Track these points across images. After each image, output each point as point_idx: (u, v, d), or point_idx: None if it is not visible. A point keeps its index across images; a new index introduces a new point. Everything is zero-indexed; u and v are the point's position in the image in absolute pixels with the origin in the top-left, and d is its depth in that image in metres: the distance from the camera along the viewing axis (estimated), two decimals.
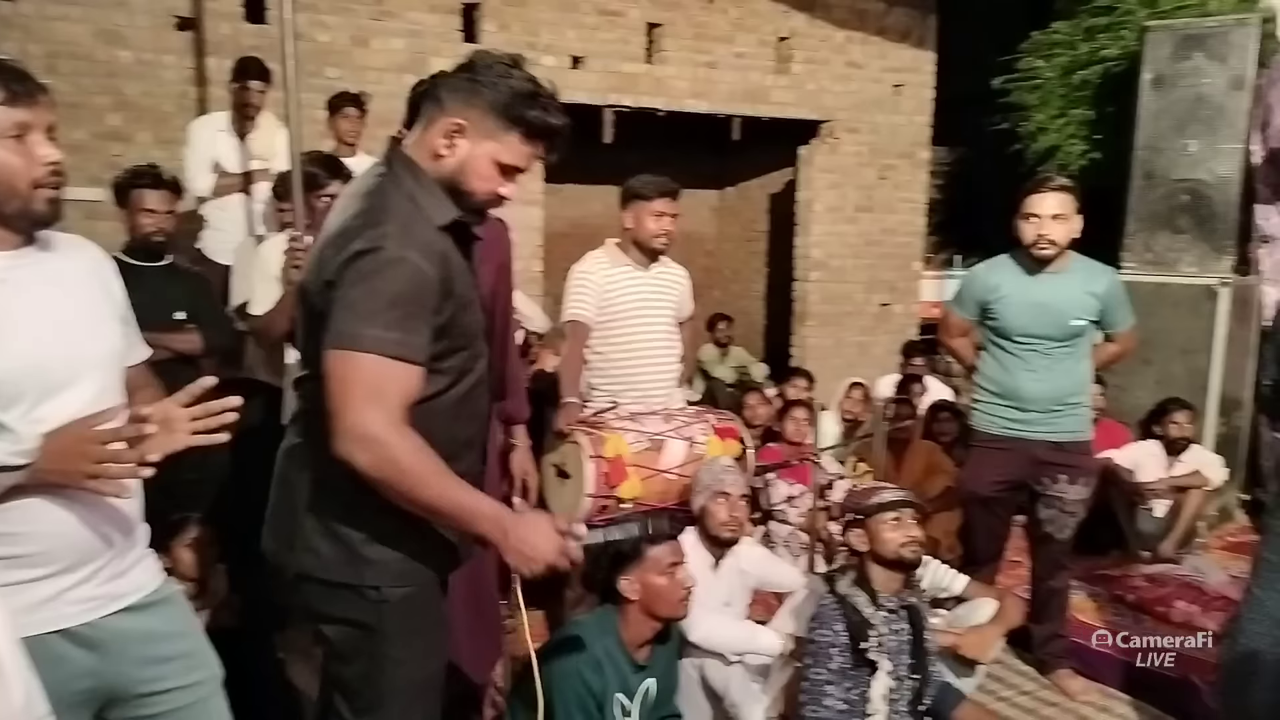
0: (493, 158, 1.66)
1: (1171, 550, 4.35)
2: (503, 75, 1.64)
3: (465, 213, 1.70)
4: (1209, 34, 4.97)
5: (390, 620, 1.70)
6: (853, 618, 2.35)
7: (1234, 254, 4.98)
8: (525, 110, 1.63)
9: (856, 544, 2.46)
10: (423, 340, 1.59)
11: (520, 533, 1.61)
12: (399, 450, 1.54)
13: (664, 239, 3.30)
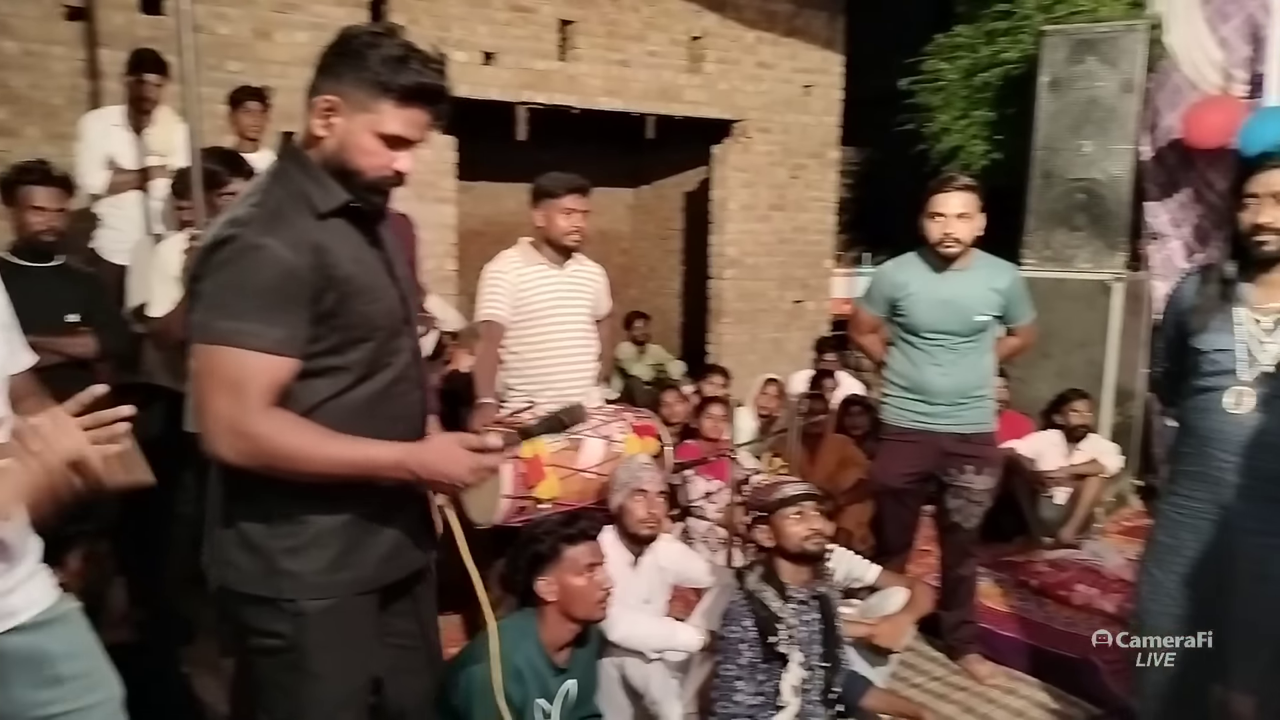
0: (371, 130, 1.59)
1: (1072, 536, 4.52)
2: (370, 45, 1.58)
3: (360, 195, 1.64)
4: (1101, 39, 5.18)
5: (308, 634, 1.66)
6: (761, 613, 2.37)
7: (1126, 250, 5.20)
8: (393, 75, 1.56)
9: (762, 540, 2.49)
10: (287, 331, 1.54)
11: (428, 461, 1.61)
12: (264, 434, 1.52)
13: (575, 236, 3.29)
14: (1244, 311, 2.24)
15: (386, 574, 1.75)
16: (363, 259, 1.66)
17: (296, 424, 1.56)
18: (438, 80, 1.61)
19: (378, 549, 1.72)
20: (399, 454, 1.61)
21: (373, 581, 1.73)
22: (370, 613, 1.76)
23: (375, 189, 1.65)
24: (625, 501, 2.87)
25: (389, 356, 1.70)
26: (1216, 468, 2.23)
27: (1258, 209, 2.17)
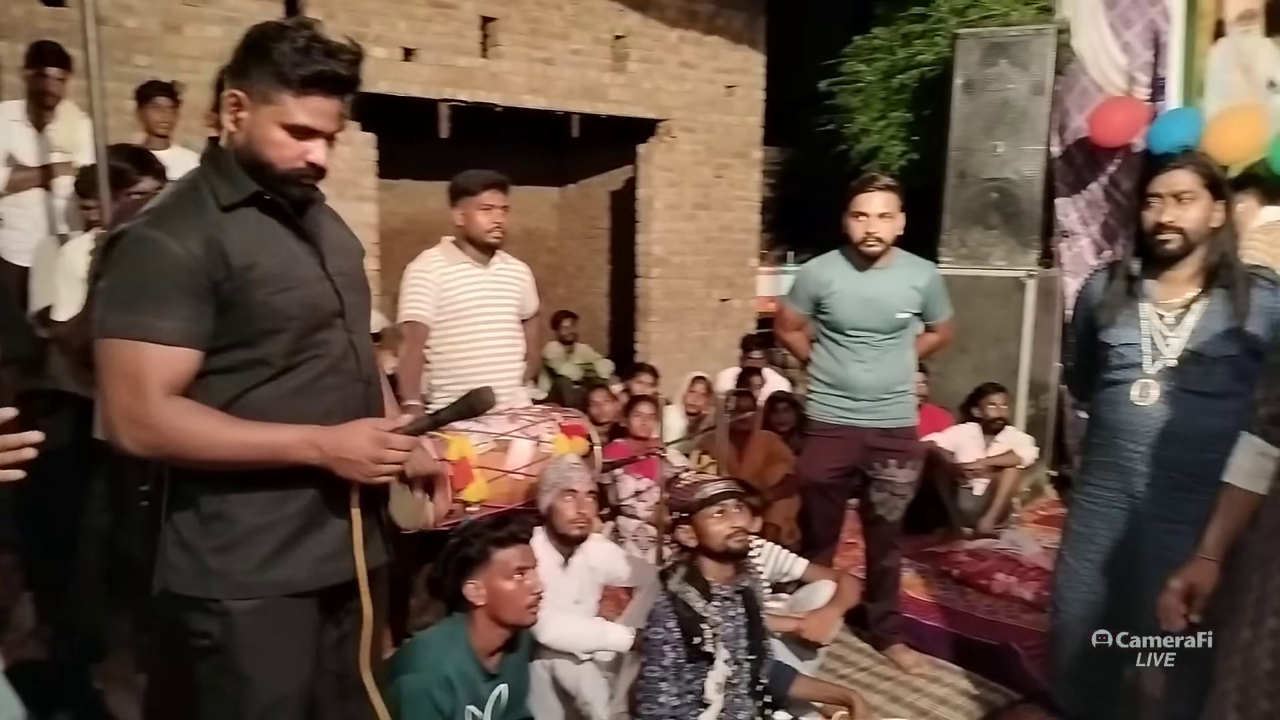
0: (275, 121, 1.59)
1: (990, 526, 4.66)
2: (275, 38, 1.57)
3: (275, 187, 1.63)
4: (1012, 42, 5.34)
5: (235, 635, 1.63)
6: (684, 614, 2.36)
7: (1038, 248, 5.37)
8: (294, 65, 1.56)
9: (685, 540, 2.49)
10: (180, 322, 1.54)
11: (338, 441, 1.60)
12: (161, 422, 1.53)
13: (496, 233, 3.26)
14: (1149, 307, 2.33)
15: (324, 577, 1.71)
16: (278, 250, 1.65)
17: (197, 410, 1.56)
18: (337, 68, 1.58)
19: (314, 550, 1.69)
20: (306, 433, 1.60)
21: (307, 584, 1.69)
22: (305, 617, 1.72)
23: (290, 181, 1.64)
24: (554, 502, 2.85)
25: (314, 349, 1.67)
26: (1125, 457, 2.32)
27: (1160, 208, 2.26)
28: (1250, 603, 1.80)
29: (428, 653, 2.27)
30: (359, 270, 1.83)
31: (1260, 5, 4.87)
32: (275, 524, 1.65)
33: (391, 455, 1.62)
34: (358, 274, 1.81)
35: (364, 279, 1.84)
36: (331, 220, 1.81)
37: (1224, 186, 2.29)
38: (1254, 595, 1.80)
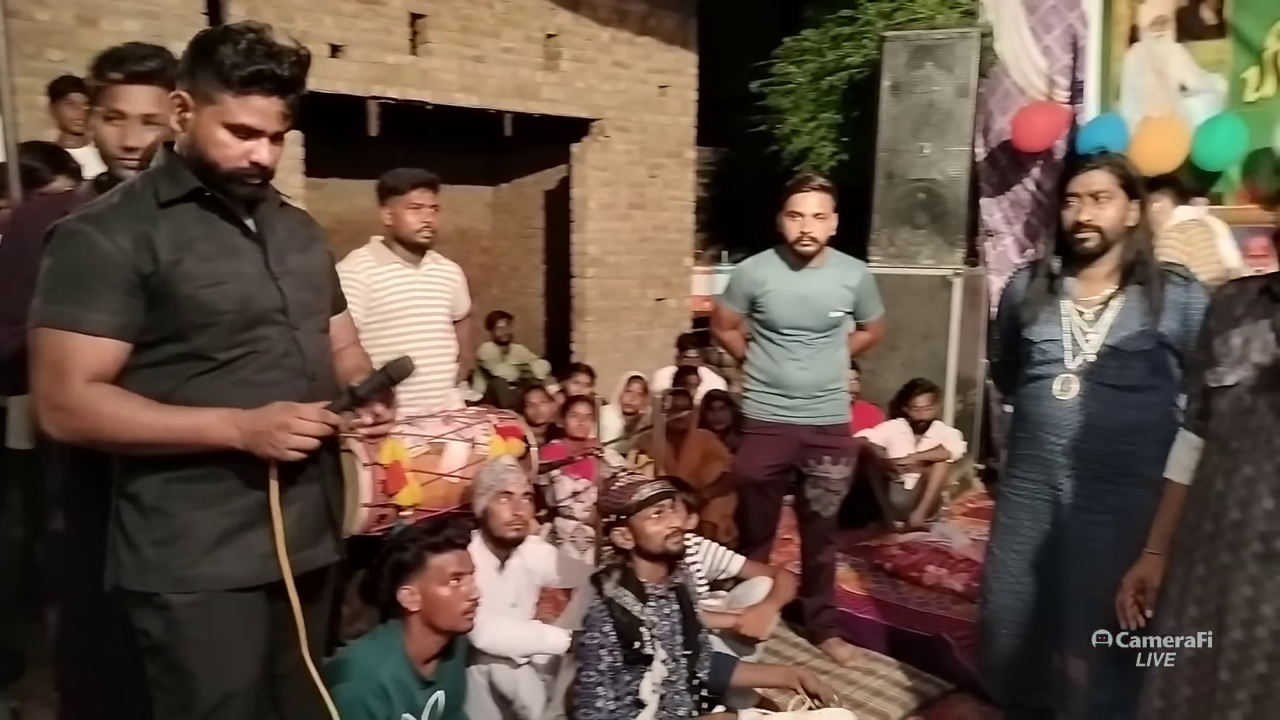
0: (217, 120, 1.62)
1: (921, 519, 4.75)
2: (220, 40, 1.61)
3: (220, 186, 1.66)
4: (937, 45, 5.45)
5: (177, 630, 1.65)
6: (622, 619, 2.36)
7: (964, 247, 5.49)
8: (234, 65, 1.59)
9: (621, 542, 2.47)
10: (105, 314, 1.59)
11: (251, 420, 1.61)
12: (81, 405, 1.57)
13: (425, 232, 3.23)
14: (1069, 304, 2.40)
15: (268, 572, 1.71)
16: (215, 245, 1.67)
17: (117, 394, 1.60)
18: (276, 68, 1.61)
19: (257, 547, 1.70)
20: (225, 413, 1.62)
21: (247, 579, 1.70)
22: (250, 612, 1.72)
23: (235, 180, 1.66)
24: (490, 505, 2.83)
25: (250, 345, 1.69)
26: (1048, 450, 2.39)
27: (1079, 208, 2.33)
28: (1174, 593, 1.87)
29: (362, 661, 2.23)
30: (317, 269, 1.86)
31: (1171, 12, 5.05)
32: (216, 519, 1.67)
33: (300, 425, 1.62)
34: (313, 272, 1.84)
35: (322, 278, 1.87)
36: (294, 219, 1.86)
37: (1139, 186, 2.37)
38: (1177, 585, 1.86)
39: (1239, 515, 1.73)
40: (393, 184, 3.21)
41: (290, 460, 1.63)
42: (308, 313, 1.79)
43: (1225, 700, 1.73)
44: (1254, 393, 1.74)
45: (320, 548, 1.82)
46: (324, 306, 1.87)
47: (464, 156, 8.43)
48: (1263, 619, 1.70)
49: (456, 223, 9.19)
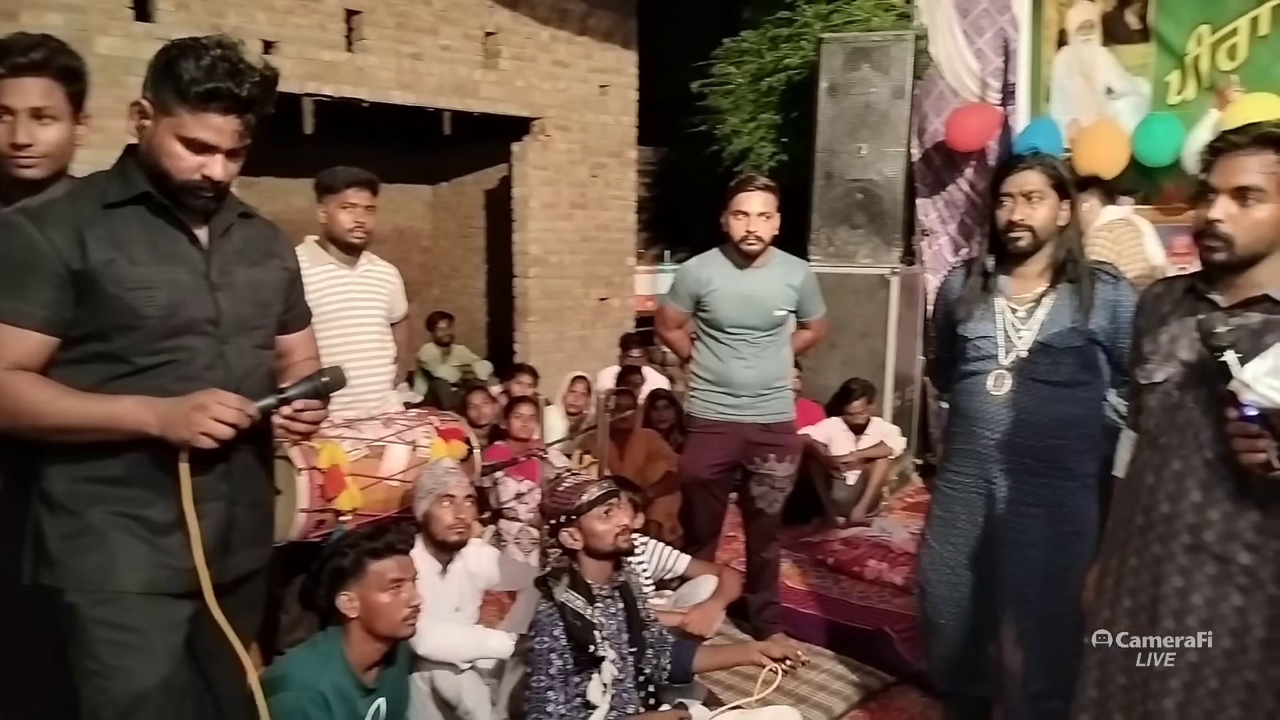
0: (172, 133, 1.63)
1: (862, 514, 4.82)
2: (184, 53, 1.61)
3: (174, 196, 1.66)
4: (874, 47, 5.53)
5: (82, 628, 1.64)
6: (574, 623, 2.34)
7: (901, 246, 5.59)
8: (191, 79, 1.60)
9: (569, 543, 2.44)
10: (29, 305, 1.59)
11: (168, 405, 1.60)
12: None
13: (359, 232, 3.17)
14: (1002, 301, 2.45)
15: (168, 582, 1.69)
16: (152, 250, 1.67)
17: (36, 380, 1.60)
18: (235, 87, 1.61)
19: (167, 555, 1.68)
20: (141, 399, 1.61)
21: (155, 586, 1.68)
22: (160, 614, 1.69)
23: (187, 192, 1.67)
24: (431, 508, 2.79)
25: (172, 353, 1.67)
26: (982, 445, 2.43)
27: (1011, 207, 2.38)
28: (1109, 584, 1.91)
29: (301, 669, 2.18)
30: (266, 284, 1.83)
31: (1097, 16, 5.19)
32: (123, 523, 1.66)
33: (218, 410, 1.59)
34: (260, 287, 1.82)
35: (270, 294, 1.84)
36: (256, 232, 1.85)
37: (1069, 186, 2.43)
38: (1112, 578, 1.91)
39: (1169, 508, 1.77)
40: (328, 182, 3.16)
41: (203, 445, 1.60)
42: (244, 327, 1.77)
43: (1159, 688, 1.78)
44: (1181, 389, 1.79)
45: (249, 552, 1.81)
46: (266, 322, 1.84)
47: (402, 155, 8.32)
48: (1192, 608, 1.74)
49: (395, 222, 9.07)
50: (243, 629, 1.83)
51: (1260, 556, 1.68)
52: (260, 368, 1.81)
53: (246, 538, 1.81)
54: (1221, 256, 1.72)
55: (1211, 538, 1.72)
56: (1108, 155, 4.86)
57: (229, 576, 1.77)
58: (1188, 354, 1.79)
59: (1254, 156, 1.68)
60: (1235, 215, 1.68)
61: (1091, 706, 1.93)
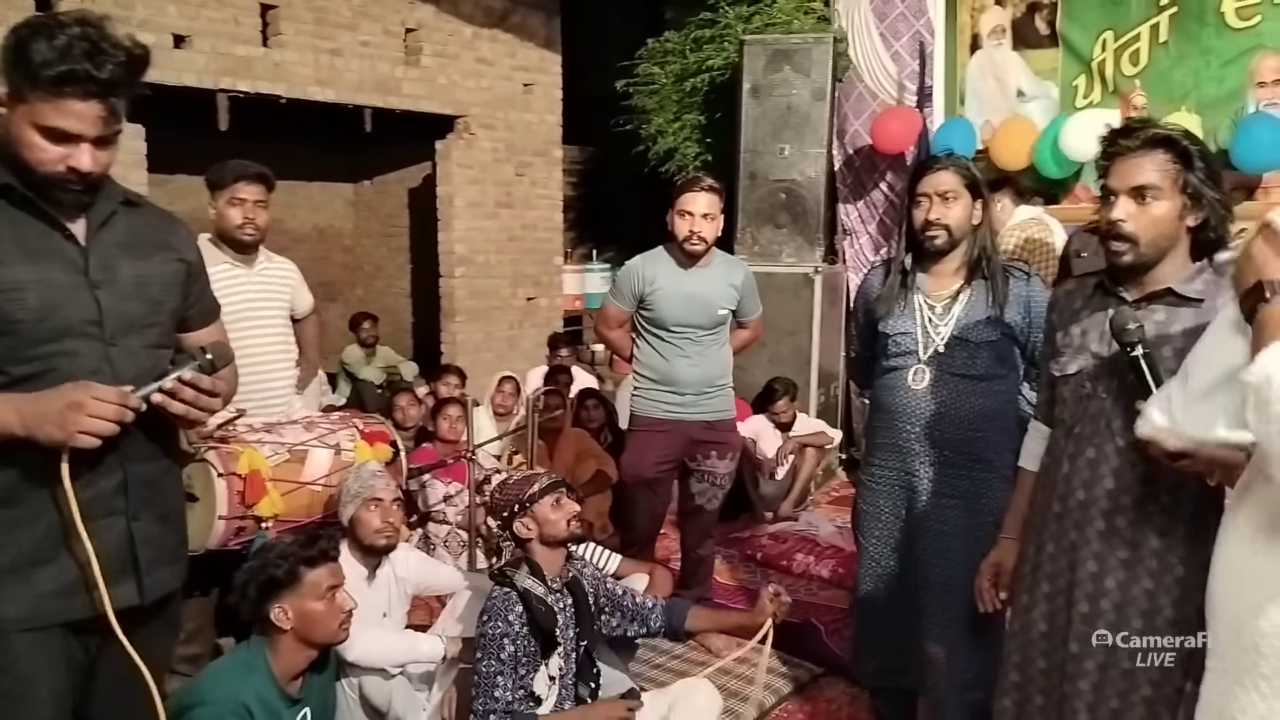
0: (28, 121, 1.49)
1: (790, 509, 4.89)
2: (36, 34, 1.47)
3: (39, 188, 1.54)
4: (794, 49, 5.60)
5: None
6: (539, 608, 2.36)
7: (823, 245, 5.68)
8: (43, 62, 1.45)
9: (523, 533, 2.47)
10: None
11: (34, 400, 1.48)
12: None
13: (249, 229, 3.06)
14: (920, 298, 2.51)
15: (58, 611, 1.57)
16: (24, 248, 1.54)
17: None
18: (94, 69, 1.46)
19: (42, 585, 1.55)
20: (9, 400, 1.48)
21: (36, 620, 1.56)
22: (40, 650, 1.56)
23: (54, 185, 1.53)
24: (358, 512, 2.74)
25: (49, 361, 1.54)
26: (903, 438, 2.49)
27: (928, 206, 2.44)
28: (1027, 571, 1.98)
29: (223, 682, 2.12)
30: (156, 278, 1.69)
31: (1008, 21, 5.36)
32: None
33: (95, 406, 1.47)
34: (150, 282, 1.67)
35: (161, 289, 1.70)
36: (145, 222, 1.71)
37: (982, 186, 2.50)
38: (1030, 564, 1.97)
39: (1084, 495, 1.85)
40: (216, 177, 3.05)
41: (83, 445, 1.47)
42: (132, 327, 1.63)
43: (1075, 670, 1.84)
44: (1093, 380, 1.87)
45: (154, 576, 1.67)
46: (158, 320, 1.69)
47: (323, 153, 8.16)
48: (1106, 591, 1.81)
49: (316, 221, 8.88)
50: (161, 655, 1.75)
51: (1169, 540, 1.76)
52: (155, 369, 1.64)
53: (162, 554, 1.70)
54: (1128, 259, 1.80)
55: (1124, 523, 1.80)
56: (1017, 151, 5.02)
57: (150, 598, 1.67)
58: (1098, 346, 1.87)
59: (1147, 157, 1.77)
60: (1135, 214, 1.77)
61: (1013, 690, 1.99)
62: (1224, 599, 1.36)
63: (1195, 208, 1.78)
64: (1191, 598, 1.69)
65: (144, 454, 1.65)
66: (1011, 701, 2.00)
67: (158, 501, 1.70)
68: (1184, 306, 1.78)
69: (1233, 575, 1.35)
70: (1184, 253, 1.81)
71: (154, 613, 1.70)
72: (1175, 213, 1.77)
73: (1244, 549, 1.33)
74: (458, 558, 3.99)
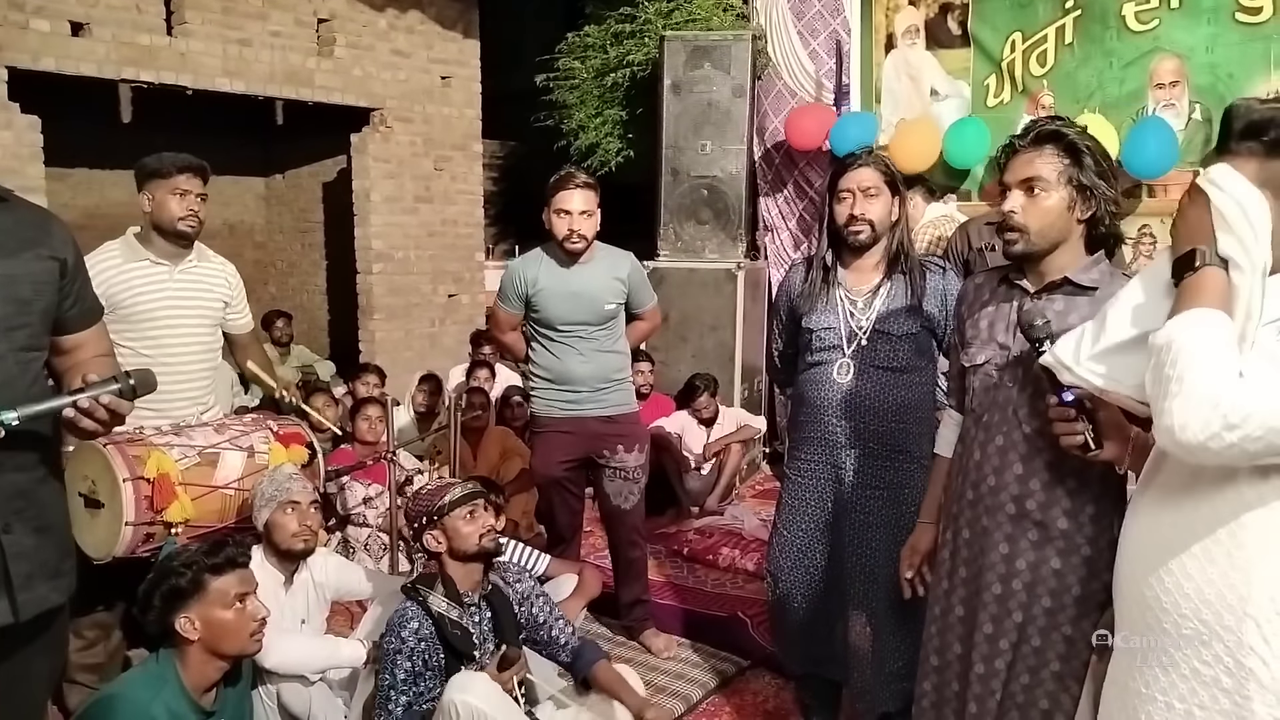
0: None
1: (716, 504, 4.92)
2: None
3: None
4: (714, 46, 5.64)
5: None
6: (454, 632, 2.29)
7: (745, 241, 5.72)
8: None
9: (433, 546, 2.40)
10: None
11: None
12: None
13: (191, 221, 2.93)
14: (842, 293, 2.55)
15: None
16: None
17: None
18: None
19: None
20: None
21: None
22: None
23: None
24: (274, 516, 2.65)
25: None
26: (829, 431, 2.53)
27: (850, 202, 2.47)
28: (945, 557, 2.03)
29: (132, 696, 2.02)
30: (24, 277, 1.59)
31: (921, 22, 5.47)
32: None
33: None
34: (16, 282, 1.57)
35: (29, 287, 1.60)
36: (12, 219, 1.61)
37: (899, 183, 2.55)
38: (947, 550, 2.02)
39: (994, 481, 1.90)
40: (154, 166, 2.91)
41: None
42: (8, 327, 1.54)
43: (990, 651, 1.90)
44: (1000, 369, 1.93)
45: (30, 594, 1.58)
46: (27, 321, 1.60)
47: (233, 146, 7.90)
48: (1017, 573, 1.87)
49: (225, 216, 8.60)
50: (42, 674, 1.66)
51: (1076, 521, 1.83)
52: (25, 374, 1.57)
53: (39, 569, 1.59)
54: (1019, 248, 1.88)
55: (1033, 506, 1.86)
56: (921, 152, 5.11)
57: (25, 616, 1.57)
58: (1004, 337, 1.93)
59: (1036, 152, 1.86)
60: (1025, 205, 1.86)
61: (933, 674, 2.04)
62: (1130, 574, 1.42)
63: (1085, 201, 1.85)
64: (1098, 575, 1.78)
65: (15, 463, 1.55)
66: (931, 685, 2.05)
67: (32, 513, 1.60)
68: (1080, 295, 1.86)
69: (1139, 548, 1.40)
70: (1078, 244, 1.89)
71: (32, 631, 1.60)
72: (1064, 205, 1.85)
73: (1151, 519, 1.39)
74: (379, 561, 3.91)
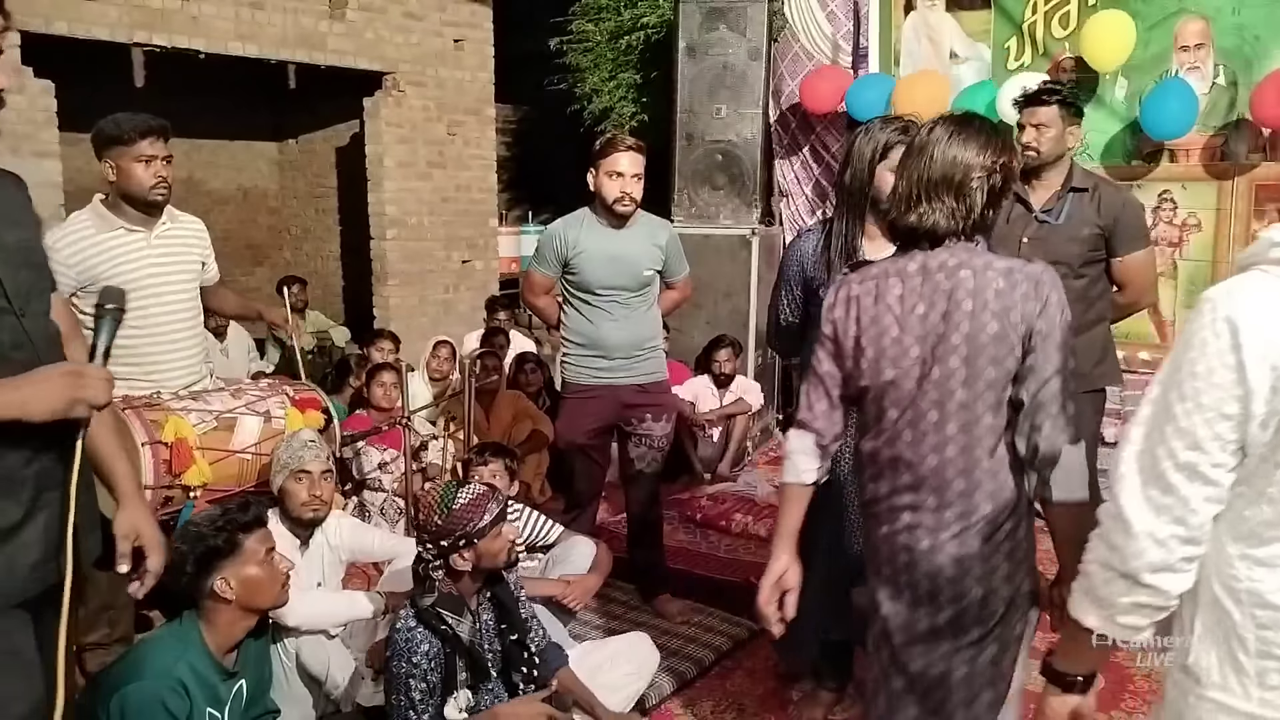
0: None
1: (728, 470, 4.93)
2: None
3: None
4: (730, 8, 5.55)
5: None
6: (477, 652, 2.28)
7: (760, 206, 5.69)
8: None
9: (460, 565, 2.28)
10: None
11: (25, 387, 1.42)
12: None
13: (160, 188, 2.85)
14: None
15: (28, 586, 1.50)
16: None
17: None
18: None
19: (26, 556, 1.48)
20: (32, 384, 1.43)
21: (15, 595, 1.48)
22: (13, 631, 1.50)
23: None
24: (286, 484, 2.68)
25: None
26: None
27: None
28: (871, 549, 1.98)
29: (157, 657, 2.06)
30: (35, 243, 1.60)
31: None
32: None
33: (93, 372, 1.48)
34: (33, 248, 1.59)
35: (41, 254, 1.62)
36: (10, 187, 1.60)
37: None
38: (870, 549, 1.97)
39: None
40: (113, 133, 2.79)
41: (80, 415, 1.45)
42: (33, 295, 1.56)
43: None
44: None
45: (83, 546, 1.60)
46: (47, 286, 1.63)
47: (246, 110, 7.89)
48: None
49: (239, 181, 8.61)
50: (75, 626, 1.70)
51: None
52: (57, 339, 1.60)
53: (87, 523, 1.63)
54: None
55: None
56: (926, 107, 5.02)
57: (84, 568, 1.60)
58: None
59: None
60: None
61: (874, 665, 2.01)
62: None
63: None
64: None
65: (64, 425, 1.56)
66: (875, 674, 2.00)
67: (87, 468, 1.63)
68: None
69: None
70: None
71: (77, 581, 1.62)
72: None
73: None
74: (394, 525, 3.94)
